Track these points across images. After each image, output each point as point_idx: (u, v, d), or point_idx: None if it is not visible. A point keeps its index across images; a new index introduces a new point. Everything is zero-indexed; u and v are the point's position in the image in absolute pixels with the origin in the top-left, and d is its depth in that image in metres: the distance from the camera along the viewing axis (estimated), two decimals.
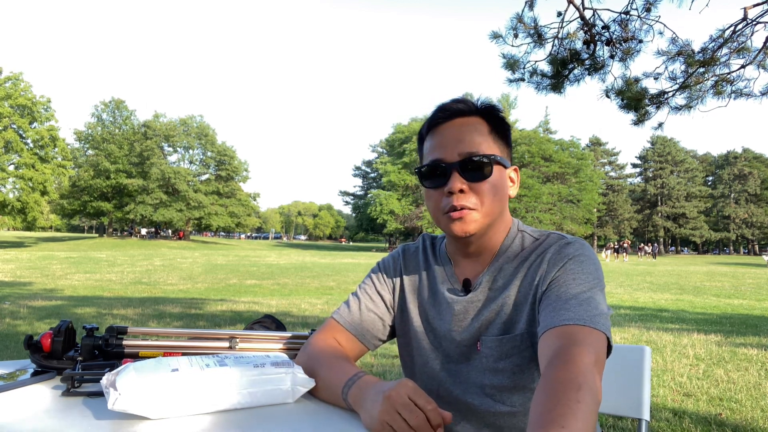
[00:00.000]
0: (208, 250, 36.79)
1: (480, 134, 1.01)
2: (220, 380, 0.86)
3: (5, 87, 39.84)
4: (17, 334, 5.50)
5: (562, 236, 1.02)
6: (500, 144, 1.03)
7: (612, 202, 66.22)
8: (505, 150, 1.05)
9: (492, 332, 1.00)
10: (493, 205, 1.00)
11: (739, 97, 5.21)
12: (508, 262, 1.03)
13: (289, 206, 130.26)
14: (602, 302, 0.91)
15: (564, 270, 0.95)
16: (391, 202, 50.31)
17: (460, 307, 1.05)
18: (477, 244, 1.04)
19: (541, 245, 1.01)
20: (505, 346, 0.99)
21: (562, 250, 0.98)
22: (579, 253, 0.97)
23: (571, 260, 0.96)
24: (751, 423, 3.13)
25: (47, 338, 1.06)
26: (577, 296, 0.90)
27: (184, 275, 15.98)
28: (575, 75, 5.42)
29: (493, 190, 0.99)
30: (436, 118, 1.04)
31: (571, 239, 1.00)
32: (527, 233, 1.06)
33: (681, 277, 18.48)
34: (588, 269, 0.95)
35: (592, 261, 0.96)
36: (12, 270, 16.69)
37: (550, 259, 0.98)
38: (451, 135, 1.01)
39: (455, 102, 1.04)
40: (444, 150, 1.00)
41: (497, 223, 1.03)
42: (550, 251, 0.99)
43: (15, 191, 40.46)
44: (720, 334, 6.34)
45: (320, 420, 0.89)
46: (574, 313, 0.87)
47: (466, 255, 1.07)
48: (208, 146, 54.91)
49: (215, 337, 1.21)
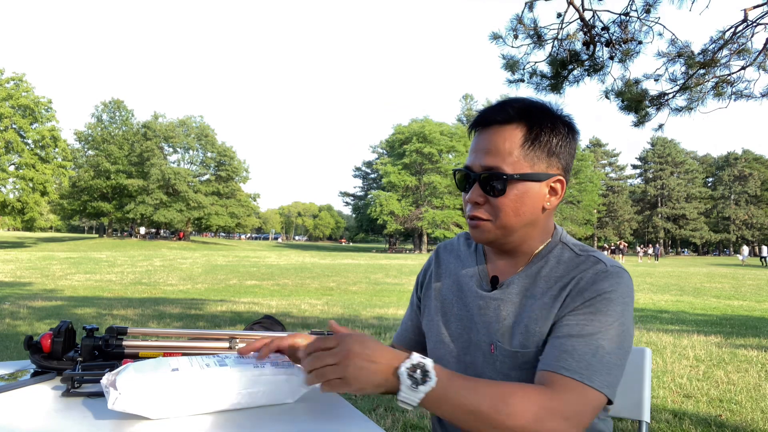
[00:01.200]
0: (208, 251, 36.80)
1: (511, 146, 0.97)
2: (220, 380, 0.87)
3: (7, 87, 39.88)
4: (17, 334, 5.50)
5: (601, 261, 0.98)
6: (538, 153, 0.98)
7: (612, 203, 66.24)
8: (545, 160, 0.99)
9: (508, 340, 1.00)
10: (509, 219, 0.99)
11: (739, 98, 5.21)
12: (541, 273, 1.01)
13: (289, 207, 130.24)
14: (616, 350, 0.89)
15: (587, 305, 0.92)
16: (391, 202, 50.31)
17: (482, 302, 1.05)
18: (508, 248, 1.04)
19: (578, 267, 0.98)
20: (519, 359, 0.98)
21: (595, 282, 0.94)
22: (610, 290, 0.93)
23: (600, 296, 0.93)
24: (751, 424, 3.13)
25: (47, 339, 1.06)
26: (588, 342, 0.89)
27: (184, 276, 15.98)
28: (575, 76, 5.42)
29: (511, 206, 0.98)
30: (476, 122, 1.03)
31: (610, 268, 0.96)
32: (569, 246, 1.03)
33: (681, 278, 18.48)
34: (614, 310, 0.92)
35: (621, 299, 0.93)
36: (12, 270, 16.69)
37: (580, 287, 0.95)
38: (482, 144, 1.00)
39: (495, 108, 1.02)
40: (473, 158, 1.01)
41: (529, 231, 1.02)
42: (583, 277, 0.96)
43: (15, 191, 40.47)
44: (720, 335, 6.34)
45: (320, 420, 0.89)
46: (577, 363, 0.87)
47: (500, 254, 1.08)
48: (208, 147, 54.95)
49: (215, 337, 1.21)
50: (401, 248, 64.36)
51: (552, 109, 1.02)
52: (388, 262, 27.08)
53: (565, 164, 1.02)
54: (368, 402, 3.41)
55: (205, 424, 0.83)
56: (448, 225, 49.83)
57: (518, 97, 1.05)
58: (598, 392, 0.85)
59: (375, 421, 2.53)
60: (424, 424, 3.01)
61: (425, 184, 51.03)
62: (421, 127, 50.47)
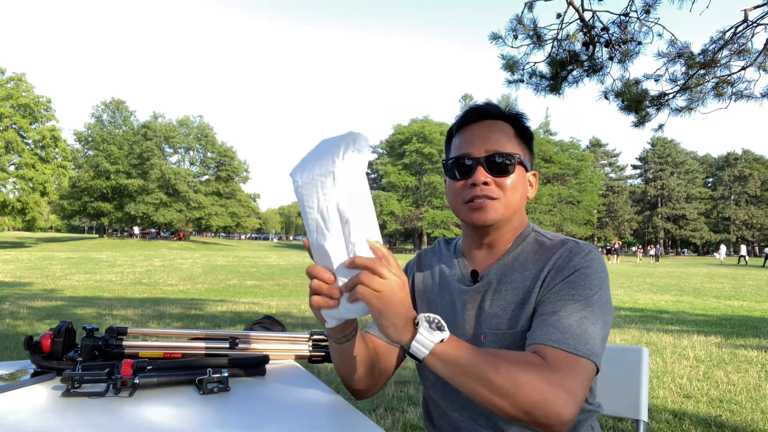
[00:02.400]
0: (208, 251, 36.79)
1: (506, 135, 1.08)
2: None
3: (7, 87, 39.88)
4: (17, 334, 5.50)
5: (572, 241, 1.04)
6: (523, 148, 1.10)
7: (612, 204, 66.21)
8: (528, 155, 1.11)
9: (495, 326, 1.03)
10: (514, 198, 1.05)
11: (739, 98, 5.22)
12: (518, 260, 1.06)
13: (290, 207, 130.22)
14: (598, 320, 0.93)
15: (567, 282, 0.97)
16: (391, 203, 50.31)
17: (466, 297, 1.08)
18: (491, 237, 1.09)
19: (552, 249, 1.04)
20: (506, 340, 1.01)
21: (571, 259, 0.99)
22: (586, 266, 0.98)
23: (577, 272, 0.97)
24: (751, 425, 3.13)
25: (47, 339, 1.07)
26: (571, 314, 0.92)
27: (184, 276, 15.98)
28: (574, 76, 5.42)
29: (514, 187, 1.05)
30: (466, 117, 1.11)
31: (583, 246, 1.02)
32: (541, 234, 1.10)
33: (681, 278, 18.47)
34: (591, 284, 0.96)
35: (597, 274, 0.98)
36: (12, 270, 16.69)
37: (557, 265, 1.00)
38: (479, 133, 1.08)
39: (484, 105, 1.11)
40: (471, 146, 1.07)
41: (514, 219, 1.08)
42: (558, 256, 1.01)
43: (15, 191, 40.47)
44: (720, 335, 6.34)
45: (321, 420, 0.89)
46: (563, 334, 0.90)
47: (479, 246, 1.11)
48: (208, 147, 54.92)
49: (215, 337, 1.21)
50: (401, 248, 64.34)
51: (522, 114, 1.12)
52: None
53: (533, 162, 1.15)
54: (368, 402, 3.41)
55: (205, 424, 0.83)
56: (448, 225, 49.81)
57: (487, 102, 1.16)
58: (587, 360, 0.88)
59: (375, 421, 2.53)
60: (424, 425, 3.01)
61: (425, 185, 51.03)
62: (421, 128, 50.48)
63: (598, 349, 0.91)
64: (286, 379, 1.15)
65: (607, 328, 0.95)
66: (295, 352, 1.29)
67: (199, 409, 0.92)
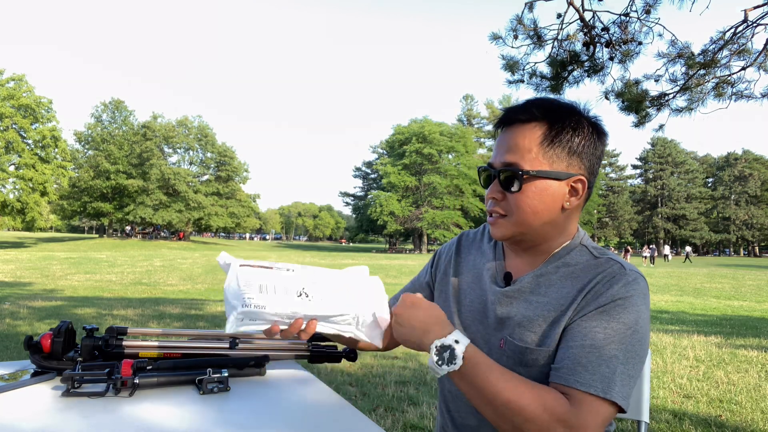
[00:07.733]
0: (208, 251, 36.78)
1: (530, 143, 0.97)
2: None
3: (8, 87, 39.87)
4: (17, 334, 5.50)
5: (618, 264, 0.97)
6: (558, 152, 0.97)
7: (612, 204, 66.25)
8: (565, 159, 0.98)
9: (519, 336, 0.99)
10: (526, 216, 0.98)
11: (739, 98, 5.21)
12: (557, 273, 1.00)
13: (289, 207, 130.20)
14: (630, 359, 0.88)
15: (602, 312, 0.91)
16: (391, 203, 50.31)
17: (494, 298, 1.05)
18: (525, 246, 1.04)
19: (594, 270, 0.97)
20: (527, 356, 0.97)
21: (611, 286, 0.93)
22: (626, 296, 0.91)
23: (614, 303, 0.91)
24: (751, 425, 3.13)
25: (47, 339, 1.06)
26: (601, 350, 0.88)
27: (184, 276, 15.97)
28: (574, 77, 5.42)
29: (528, 203, 0.97)
30: (499, 121, 1.04)
31: (628, 273, 0.95)
32: (587, 248, 1.02)
33: (681, 278, 18.47)
34: (628, 318, 0.90)
35: (635, 308, 0.91)
36: (12, 270, 16.69)
37: (595, 290, 0.94)
38: (503, 141, 1.01)
39: (518, 107, 1.02)
40: (495, 155, 1.02)
41: (547, 230, 1.01)
42: (599, 279, 0.94)
43: (15, 192, 40.45)
44: (720, 335, 6.34)
45: (321, 420, 0.89)
46: (591, 375, 0.86)
47: (517, 252, 1.08)
48: (208, 147, 54.94)
49: (215, 337, 1.21)
50: (401, 248, 64.33)
51: (577, 109, 1.01)
52: (388, 262, 27.07)
53: (589, 165, 1.01)
54: (368, 402, 3.41)
55: (205, 424, 0.83)
56: (448, 225, 49.84)
57: (543, 97, 1.05)
58: (613, 403, 0.86)
59: (375, 421, 2.53)
60: (424, 425, 3.01)
61: (425, 185, 51.04)
62: (420, 128, 50.49)
63: (628, 390, 0.87)
64: (286, 379, 1.15)
65: (640, 366, 0.90)
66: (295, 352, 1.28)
67: (199, 409, 0.92)
